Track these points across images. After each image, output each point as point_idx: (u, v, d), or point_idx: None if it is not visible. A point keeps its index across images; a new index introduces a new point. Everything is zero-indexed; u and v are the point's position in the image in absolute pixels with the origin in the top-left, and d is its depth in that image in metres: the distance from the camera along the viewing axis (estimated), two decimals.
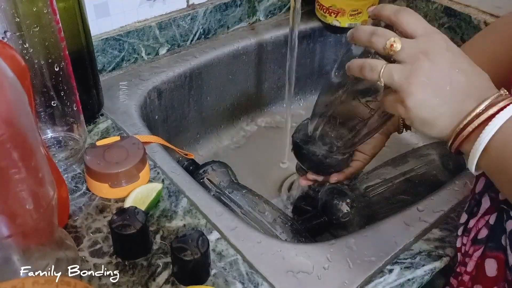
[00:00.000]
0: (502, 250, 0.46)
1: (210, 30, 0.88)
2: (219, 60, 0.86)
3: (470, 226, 0.49)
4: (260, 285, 0.49)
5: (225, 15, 0.89)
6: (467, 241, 0.49)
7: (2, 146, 0.35)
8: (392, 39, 0.41)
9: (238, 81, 0.91)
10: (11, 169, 0.36)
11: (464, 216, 0.50)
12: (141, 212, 0.50)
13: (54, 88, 0.56)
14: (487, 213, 0.48)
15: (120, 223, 0.48)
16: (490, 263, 0.47)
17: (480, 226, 0.48)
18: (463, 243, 0.50)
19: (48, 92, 0.56)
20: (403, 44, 0.41)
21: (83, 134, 0.62)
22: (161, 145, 0.65)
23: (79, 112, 0.61)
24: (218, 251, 0.52)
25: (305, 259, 0.51)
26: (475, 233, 0.48)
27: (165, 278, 0.49)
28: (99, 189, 0.57)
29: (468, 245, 0.49)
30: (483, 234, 0.47)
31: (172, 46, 0.84)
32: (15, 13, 0.49)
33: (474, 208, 0.49)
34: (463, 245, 0.50)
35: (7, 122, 0.35)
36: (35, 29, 0.51)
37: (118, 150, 0.58)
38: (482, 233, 0.47)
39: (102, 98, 0.70)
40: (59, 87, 0.56)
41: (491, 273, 0.46)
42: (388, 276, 0.50)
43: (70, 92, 0.58)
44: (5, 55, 0.40)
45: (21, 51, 0.51)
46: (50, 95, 0.56)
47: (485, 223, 0.47)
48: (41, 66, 0.54)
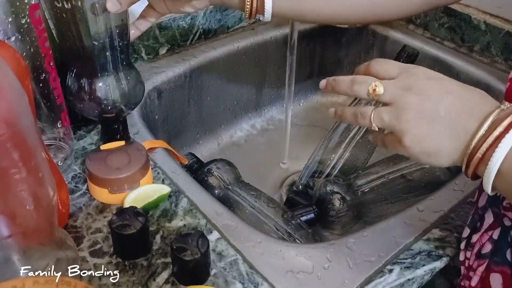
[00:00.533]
0: (507, 265, 0.45)
1: (210, 30, 0.88)
2: (219, 60, 0.86)
3: (474, 241, 0.48)
4: (260, 285, 0.49)
5: (225, 15, 0.89)
6: (470, 255, 0.49)
7: (2, 146, 0.35)
8: (373, 84, 0.42)
9: (238, 81, 0.91)
10: (11, 169, 0.36)
11: (467, 230, 0.50)
12: (141, 212, 0.50)
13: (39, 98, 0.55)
14: (491, 228, 0.47)
15: (120, 223, 0.48)
16: (495, 277, 0.46)
17: (484, 240, 0.47)
18: (466, 257, 0.50)
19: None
20: (385, 86, 0.41)
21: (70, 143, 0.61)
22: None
23: (65, 124, 0.60)
24: (218, 251, 0.52)
25: (305, 259, 0.51)
26: (479, 248, 0.48)
27: (165, 278, 0.49)
28: (99, 194, 0.56)
29: (472, 259, 0.49)
30: (487, 249, 0.47)
31: (172, 46, 0.84)
32: None
33: (477, 223, 0.49)
34: (466, 259, 0.50)
35: (7, 122, 0.35)
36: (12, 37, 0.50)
37: (121, 155, 0.57)
38: (486, 247, 0.47)
39: None
40: (43, 99, 0.56)
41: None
42: (388, 276, 0.50)
43: (52, 104, 0.57)
44: (5, 55, 0.40)
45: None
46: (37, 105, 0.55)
47: (488, 237, 0.47)
48: None
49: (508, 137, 0.36)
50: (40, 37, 0.52)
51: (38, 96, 0.55)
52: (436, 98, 0.39)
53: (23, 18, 0.50)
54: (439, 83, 0.41)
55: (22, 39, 0.51)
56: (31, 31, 0.51)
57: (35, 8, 0.50)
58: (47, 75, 0.55)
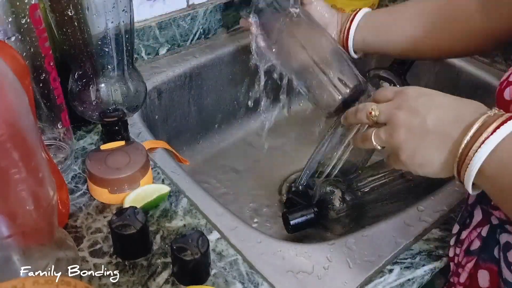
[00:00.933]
0: (494, 262, 0.46)
1: (210, 30, 0.88)
2: (219, 60, 0.86)
3: (463, 237, 0.49)
4: (260, 285, 0.49)
5: (225, 15, 0.89)
6: (460, 252, 0.50)
7: (2, 146, 0.34)
8: (370, 108, 0.45)
9: (238, 81, 0.91)
10: (11, 169, 0.36)
11: (456, 226, 0.51)
12: (141, 212, 0.50)
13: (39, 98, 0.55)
14: (480, 225, 0.48)
15: (120, 223, 0.48)
16: (483, 274, 0.47)
17: (473, 237, 0.48)
18: (456, 254, 0.50)
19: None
20: (380, 108, 0.45)
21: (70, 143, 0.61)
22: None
23: (65, 124, 0.60)
24: (218, 251, 0.52)
25: (305, 259, 0.51)
26: (468, 245, 0.48)
27: (165, 278, 0.49)
28: (99, 194, 0.56)
29: (461, 255, 0.49)
30: (476, 246, 0.48)
31: (172, 46, 0.84)
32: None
33: (467, 220, 0.50)
34: (456, 255, 0.50)
35: (7, 122, 0.35)
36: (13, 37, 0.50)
37: (121, 156, 0.57)
38: (475, 244, 0.48)
39: None
40: (43, 99, 0.56)
41: (484, 284, 0.47)
42: (388, 276, 0.50)
43: (52, 104, 0.57)
44: (5, 55, 0.40)
45: None
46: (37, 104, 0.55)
47: (477, 234, 0.48)
48: None
49: (492, 138, 0.37)
50: (40, 37, 0.52)
51: (38, 96, 0.55)
52: (424, 113, 0.41)
53: (23, 18, 0.50)
54: (429, 98, 0.43)
55: (22, 39, 0.51)
56: (31, 31, 0.51)
57: (35, 8, 0.50)
58: (47, 75, 0.55)
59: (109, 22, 0.52)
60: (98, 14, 0.50)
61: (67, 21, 0.52)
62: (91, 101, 0.56)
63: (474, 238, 0.48)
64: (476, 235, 0.48)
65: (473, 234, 0.48)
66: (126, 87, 0.57)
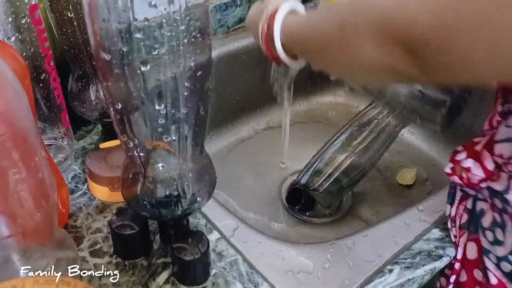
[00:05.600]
0: (480, 232, 0.47)
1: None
2: (219, 60, 0.86)
3: (453, 214, 0.51)
4: (260, 285, 0.49)
5: (225, 15, 0.89)
6: (456, 231, 0.51)
7: (2, 146, 0.34)
8: None
9: (238, 81, 0.91)
10: (11, 169, 0.36)
11: (448, 207, 0.52)
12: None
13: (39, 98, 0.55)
14: (464, 198, 0.49)
15: (120, 223, 0.48)
16: (471, 246, 0.48)
17: (461, 212, 0.50)
18: (454, 235, 0.51)
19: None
20: None
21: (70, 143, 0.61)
22: None
23: (65, 124, 0.60)
24: (218, 251, 0.52)
25: (305, 259, 0.51)
26: (459, 220, 0.50)
27: (165, 278, 0.49)
28: (99, 192, 0.56)
29: (457, 233, 0.51)
30: (465, 219, 0.49)
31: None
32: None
33: (454, 197, 0.51)
34: (454, 237, 0.52)
35: (7, 122, 0.35)
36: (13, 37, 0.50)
37: (121, 153, 0.57)
38: (464, 218, 0.49)
39: None
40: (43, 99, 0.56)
41: (472, 256, 0.48)
42: (388, 276, 0.50)
43: (52, 104, 0.57)
44: (5, 54, 0.40)
45: None
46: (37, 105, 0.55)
47: (464, 208, 0.49)
48: None
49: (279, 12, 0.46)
50: (40, 37, 0.52)
51: (38, 96, 0.55)
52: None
53: (23, 18, 0.50)
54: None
55: (22, 39, 0.51)
56: (31, 31, 0.51)
57: (35, 8, 0.50)
58: (47, 75, 0.55)
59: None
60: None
61: (67, 21, 0.52)
62: (91, 101, 0.56)
63: (462, 213, 0.49)
64: (463, 209, 0.49)
65: (460, 209, 0.50)
66: None
